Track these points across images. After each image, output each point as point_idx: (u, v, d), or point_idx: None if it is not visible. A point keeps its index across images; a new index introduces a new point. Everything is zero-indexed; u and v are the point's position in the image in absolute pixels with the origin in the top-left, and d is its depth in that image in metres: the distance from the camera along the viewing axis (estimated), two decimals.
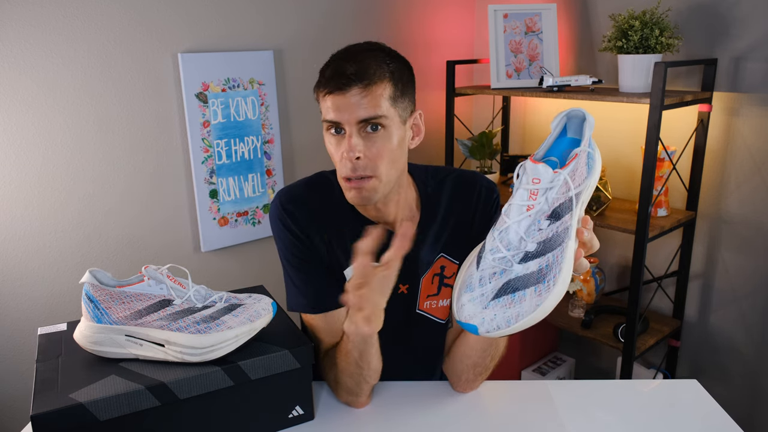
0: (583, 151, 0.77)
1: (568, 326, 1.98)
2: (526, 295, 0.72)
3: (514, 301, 0.72)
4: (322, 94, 0.96)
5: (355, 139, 0.94)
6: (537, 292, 0.72)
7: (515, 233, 0.75)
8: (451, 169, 1.16)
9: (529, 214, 0.75)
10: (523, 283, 0.73)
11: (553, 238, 0.74)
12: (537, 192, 0.75)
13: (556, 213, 0.75)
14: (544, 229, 0.74)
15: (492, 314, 0.72)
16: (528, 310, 0.71)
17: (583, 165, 0.77)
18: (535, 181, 0.75)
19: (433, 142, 2.35)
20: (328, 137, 0.99)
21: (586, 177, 0.77)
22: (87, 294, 0.88)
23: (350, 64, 0.94)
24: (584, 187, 0.77)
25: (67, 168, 1.57)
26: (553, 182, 0.75)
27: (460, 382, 1.05)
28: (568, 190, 0.75)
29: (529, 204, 0.75)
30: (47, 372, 0.86)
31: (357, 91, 0.93)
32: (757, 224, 1.78)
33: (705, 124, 1.80)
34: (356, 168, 0.95)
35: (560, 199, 0.75)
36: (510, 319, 0.72)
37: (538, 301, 0.71)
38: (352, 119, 0.94)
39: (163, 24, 1.66)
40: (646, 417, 0.99)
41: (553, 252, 0.74)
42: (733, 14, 1.73)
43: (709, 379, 1.96)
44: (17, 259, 1.54)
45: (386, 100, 0.95)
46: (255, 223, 1.93)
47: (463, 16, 2.39)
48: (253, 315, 0.91)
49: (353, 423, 0.98)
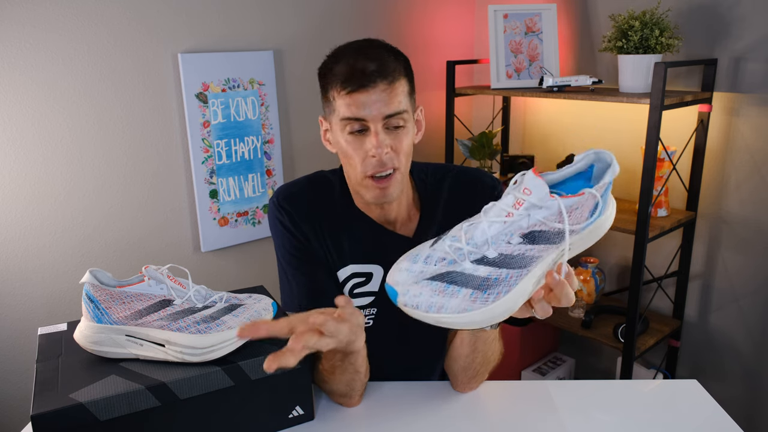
0: (593, 194, 0.69)
1: (568, 326, 1.98)
2: (459, 294, 0.67)
3: (445, 292, 0.67)
4: (343, 92, 0.94)
5: (381, 135, 0.95)
6: (472, 298, 0.66)
7: (482, 233, 0.69)
8: (452, 167, 1.15)
9: (505, 221, 0.69)
10: (463, 281, 0.67)
11: (518, 258, 0.68)
12: (522, 203, 0.69)
13: (533, 235, 0.68)
14: (513, 244, 0.68)
15: (419, 290, 0.67)
16: (452, 309, 0.66)
17: (586, 209, 0.70)
18: (526, 192, 0.69)
19: (433, 143, 2.35)
20: (344, 137, 0.97)
21: (584, 225, 0.70)
22: (87, 294, 0.88)
23: (369, 62, 0.93)
24: (576, 232, 0.70)
25: (67, 168, 1.57)
26: (544, 204, 0.68)
27: (457, 382, 1.05)
28: (558, 221, 0.68)
29: (509, 211, 0.69)
30: (47, 372, 0.86)
31: (382, 87, 0.93)
32: (757, 224, 1.78)
33: (705, 124, 1.80)
34: (384, 163, 0.96)
35: (543, 226, 0.68)
36: (432, 306, 0.66)
37: (468, 306, 0.66)
38: (378, 116, 0.94)
39: (163, 24, 1.66)
40: (646, 417, 0.99)
41: (511, 271, 0.67)
42: (733, 14, 1.73)
43: (709, 379, 1.96)
44: (17, 259, 1.54)
45: (405, 96, 0.97)
46: (255, 223, 1.93)
47: (463, 16, 2.39)
48: (253, 315, 0.91)
49: (353, 423, 0.98)
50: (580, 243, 0.72)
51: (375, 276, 1.07)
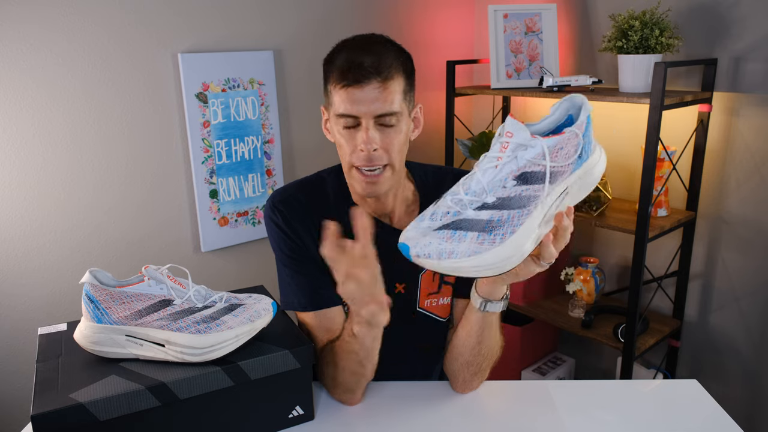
0: (573, 132, 0.75)
1: (568, 326, 1.98)
2: (466, 237, 0.70)
3: (453, 238, 0.70)
4: (338, 86, 0.95)
5: (372, 132, 0.96)
6: (479, 240, 0.69)
7: (478, 182, 0.74)
8: (452, 168, 1.18)
9: (496, 166, 0.73)
10: (468, 225, 0.71)
11: (515, 198, 0.72)
12: (507, 146, 0.73)
13: (525, 177, 0.72)
14: (508, 188, 0.72)
15: (428, 241, 0.71)
16: (463, 253, 0.69)
17: (570, 147, 0.74)
18: (508, 134, 0.73)
19: (433, 142, 2.35)
20: (338, 128, 0.99)
21: (573, 163, 0.74)
22: (87, 294, 0.88)
23: (366, 56, 0.94)
24: (566, 171, 0.74)
25: (67, 168, 1.57)
26: (528, 143, 0.72)
27: (458, 382, 1.05)
28: (542, 159, 0.72)
29: (498, 156, 0.73)
30: (47, 372, 0.86)
31: (375, 85, 0.94)
32: (757, 224, 1.78)
33: (705, 124, 1.80)
34: (372, 159, 0.97)
35: (532, 167, 0.72)
36: (442, 252, 0.69)
37: (477, 249, 0.69)
38: (369, 113, 0.95)
39: (163, 24, 1.66)
40: (646, 417, 0.99)
41: (512, 211, 0.71)
42: (733, 14, 1.73)
43: (709, 379, 1.96)
44: (17, 259, 1.54)
45: (399, 94, 0.97)
46: (255, 223, 1.93)
47: (463, 16, 2.39)
48: (253, 315, 0.91)
49: (353, 423, 0.98)
50: (577, 187, 0.76)
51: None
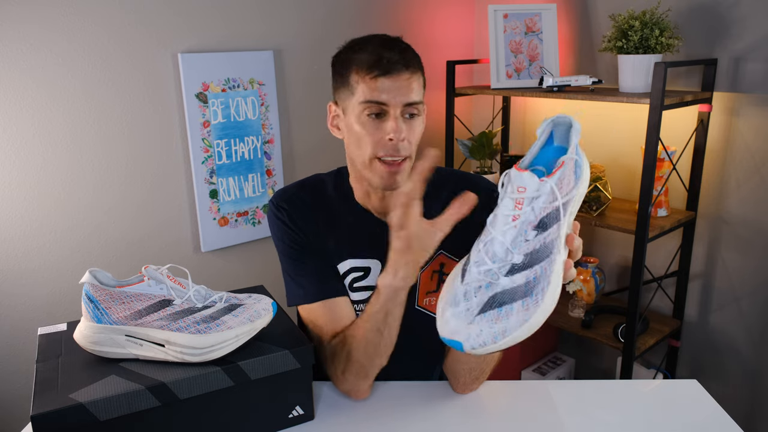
0: (570, 159, 0.74)
1: (568, 326, 1.98)
2: (513, 310, 0.69)
3: (500, 315, 0.69)
4: (368, 76, 0.97)
5: (401, 121, 0.98)
6: (525, 307, 0.69)
7: (501, 245, 0.72)
8: (453, 170, 1.20)
9: (515, 225, 0.71)
10: (510, 296, 0.69)
11: (540, 249, 0.71)
12: (523, 201, 0.71)
13: (543, 223, 0.71)
14: (531, 240, 0.71)
15: (478, 329, 0.69)
16: (515, 326, 0.68)
17: (570, 173, 0.74)
18: (521, 189, 0.72)
19: (433, 143, 2.35)
20: (361, 119, 0.99)
21: (574, 186, 0.74)
22: (87, 294, 0.88)
23: (393, 51, 0.99)
24: (572, 197, 0.74)
25: (67, 168, 1.57)
26: (539, 191, 0.71)
27: (458, 383, 1.05)
28: (554, 199, 0.71)
29: (514, 214, 0.72)
30: (47, 372, 0.86)
31: (407, 75, 0.98)
32: (757, 224, 1.78)
33: (705, 124, 1.80)
34: (399, 149, 0.99)
35: (547, 209, 0.71)
36: (497, 335, 0.68)
37: (525, 316, 0.68)
38: (400, 102, 0.98)
39: (163, 24, 1.66)
40: (646, 417, 0.99)
41: (541, 264, 0.70)
42: (733, 14, 1.73)
43: (709, 379, 1.96)
44: (17, 259, 1.54)
45: (421, 88, 1.02)
46: (255, 223, 1.93)
47: (463, 16, 2.39)
48: (253, 315, 0.91)
49: (353, 423, 0.98)
50: (576, 202, 0.77)
51: (373, 270, 1.08)
